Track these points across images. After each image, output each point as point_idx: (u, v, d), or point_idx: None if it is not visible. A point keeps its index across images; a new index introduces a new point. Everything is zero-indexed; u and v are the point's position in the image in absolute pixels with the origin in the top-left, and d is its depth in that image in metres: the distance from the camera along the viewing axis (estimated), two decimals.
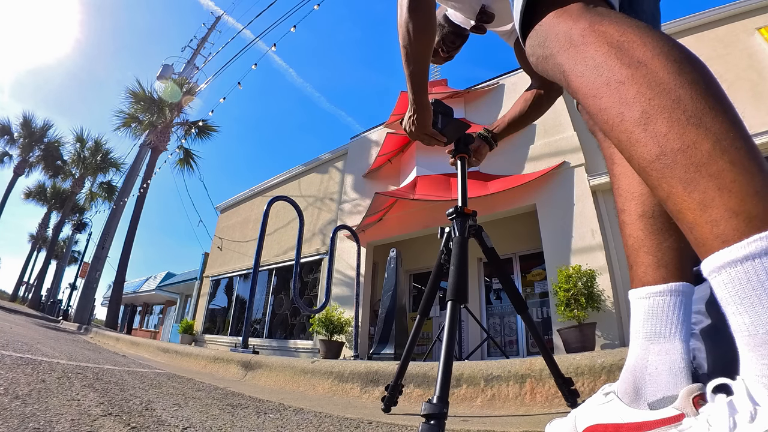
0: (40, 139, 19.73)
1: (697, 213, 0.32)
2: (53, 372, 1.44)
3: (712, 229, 0.31)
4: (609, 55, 0.40)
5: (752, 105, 4.37)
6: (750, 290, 0.29)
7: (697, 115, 0.33)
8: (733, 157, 0.31)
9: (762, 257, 0.28)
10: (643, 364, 0.54)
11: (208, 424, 0.90)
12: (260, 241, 3.59)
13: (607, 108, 0.39)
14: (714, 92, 0.35)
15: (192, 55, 14.98)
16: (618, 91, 0.38)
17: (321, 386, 1.73)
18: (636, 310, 0.58)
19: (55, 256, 23.59)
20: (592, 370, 1.12)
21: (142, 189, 11.86)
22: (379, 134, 7.79)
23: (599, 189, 4.91)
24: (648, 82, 0.36)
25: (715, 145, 0.32)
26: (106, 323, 11.06)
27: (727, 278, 0.30)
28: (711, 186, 0.31)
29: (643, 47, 0.38)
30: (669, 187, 0.34)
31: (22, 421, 0.71)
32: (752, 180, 0.30)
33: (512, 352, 6.30)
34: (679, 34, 5.19)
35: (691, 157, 0.32)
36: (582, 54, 0.42)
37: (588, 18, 0.44)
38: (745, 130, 0.33)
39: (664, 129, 0.34)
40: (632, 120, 0.36)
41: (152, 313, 22.55)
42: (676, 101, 0.34)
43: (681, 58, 0.37)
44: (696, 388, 0.46)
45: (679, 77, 0.35)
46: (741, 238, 0.29)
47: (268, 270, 8.88)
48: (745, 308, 0.30)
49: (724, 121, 0.33)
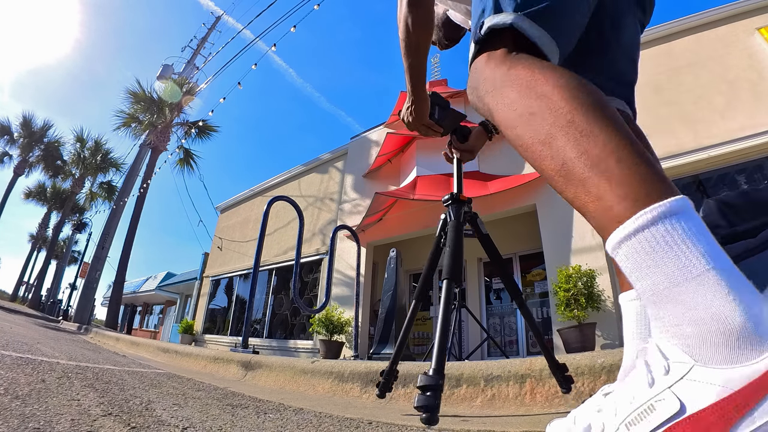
0: (40, 139, 19.73)
1: (596, 204, 0.39)
2: (53, 372, 1.44)
3: (608, 214, 0.37)
4: (520, 93, 0.49)
5: (752, 105, 4.37)
6: (645, 256, 0.34)
7: (587, 129, 0.41)
8: (618, 156, 0.39)
9: (649, 227, 0.34)
10: None
11: (208, 424, 0.90)
12: (260, 241, 3.59)
13: (521, 135, 0.48)
14: (602, 110, 0.43)
15: (192, 55, 14.98)
16: (528, 120, 0.47)
17: (321, 386, 1.73)
18: (627, 313, 0.62)
19: (55, 256, 23.59)
20: (592, 370, 1.12)
21: (142, 189, 11.86)
22: (379, 134, 7.79)
23: None
24: (549, 109, 0.45)
25: (602, 149, 0.40)
26: (106, 323, 11.06)
27: (626, 251, 0.36)
28: (603, 180, 0.38)
29: (546, 83, 0.47)
30: (573, 188, 0.41)
31: (22, 421, 0.71)
32: (635, 171, 0.37)
33: (512, 352, 6.29)
34: (679, 34, 5.20)
35: (585, 161, 0.40)
36: (501, 95, 0.52)
37: (507, 64, 0.53)
38: (629, 135, 0.41)
39: (563, 143, 0.43)
40: (539, 141, 0.45)
41: (152, 313, 22.55)
42: (570, 121, 0.43)
43: (575, 87, 0.45)
44: None
45: (572, 102, 0.44)
46: (631, 215, 0.35)
47: (268, 270, 8.88)
48: (644, 273, 0.35)
49: (610, 130, 0.41)
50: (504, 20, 0.56)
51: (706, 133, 4.53)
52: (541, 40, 0.56)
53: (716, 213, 0.68)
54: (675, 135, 4.72)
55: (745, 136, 4.24)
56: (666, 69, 5.11)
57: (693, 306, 0.32)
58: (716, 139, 4.41)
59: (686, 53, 5.06)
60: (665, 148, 4.71)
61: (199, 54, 15.04)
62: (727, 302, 0.31)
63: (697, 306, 0.32)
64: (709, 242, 0.34)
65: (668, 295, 0.34)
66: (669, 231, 0.34)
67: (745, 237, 0.63)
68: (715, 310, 0.31)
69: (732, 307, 0.31)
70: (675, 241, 0.33)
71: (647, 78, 5.23)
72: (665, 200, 0.35)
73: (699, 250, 0.33)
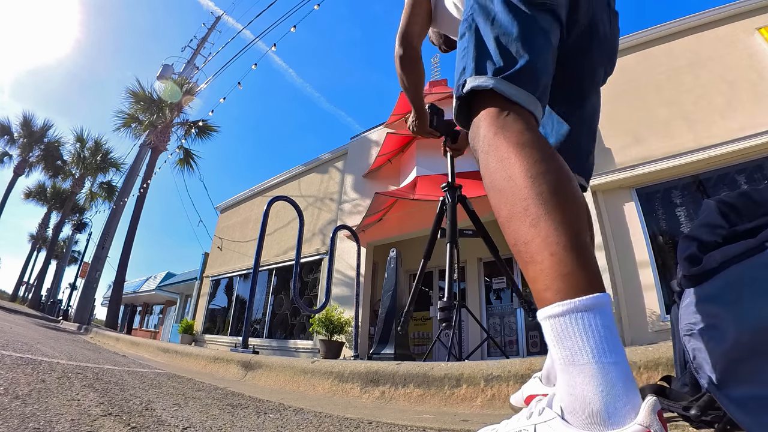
0: (40, 139, 19.72)
1: (533, 283, 0.50)
2: (53, 372, 1.44)
3: (538, 295, 0.49)
4: (497, 166, 0.58)
5: (752, 105, 4.37)
6: (556, 335, 0.46)
7: (536, 220, 0.50)
8: (552, 250, 0.48)
9: (559, 317, 0.46)
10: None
11: (208, 424, 0.90)
12: (260, 241, 3.58)
13: (493, 204, 0.58)
14: (556, 198, 0.51)
15: (192, 55, 14.98)
16: (497, 195, 0.57)
17: (321, 386, 1.73)
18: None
19: (55, 256, 23.58)
20: None
21: (142, 189, 11.86)
22: (379, 134, 7.79)
23: (599, 189, 4.91)
24: (512, 192, 0.54)
25: (543, 241, 0.49)
26: (106, 323, 11.06)
27: (547, 325, 0.47)
28: (537, 269, 0.49)
29: (515, 165, 0.56)
30: (521, 263, 0.53)
31: (22, 421, 0.71)
32: (563, 267, 0.47)
33: (512, 352, 6.30)
34: (679, 34, 5.20)
35: (528, 249, 0.50)
36: (486, 160, 0.61)
37: (494, 127, 0.62)
38: (570, 227, 0.50)
39: (516, 226, 0.53)
40: (503, 217, 0.55)
41: (152, 313, 22.55)
42: (525, 208, 0.52)
43: (538, 174, 0.53)
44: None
45: (531, 190, 0.52)
46: (550, 303, 0.47)
47: (268, 270, 8.88)
48: (554, 346, 0.46)
49: (556, 222, 0.50)
50: (485, 83, 0.64)
51: (706, 133, 4.53)
52: (520, 98, 0.64)
53: (716, 213, 0.68)
54: (675, 135, 4.72)
55: (745, 136, 4.24)
56: (666, 69, 5.11)
57: (573, 384, 0.44)
58: (716, 139, 4.41)
59: (686, 53, 5.05)
60: (665, 148, 4.71)
61: (199, 54, 15.04)
62: (595, 393, 0.42)
63: (575, 386, 0.44)
64: (602, 338, 0.44)
65: (564, 369, 0.46)
66: (572, 324, 0.45)
67: (745, 237, 0.62)
68: (585, 395, 0.43)
69: (596, 397, 0.42)
70: (574, 334, 0.45)
71: (647, 78, 5.23)
72: (576, 299, 0.45)
73: (590, 345, 0.44)
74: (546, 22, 0.73)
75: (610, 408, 0.42)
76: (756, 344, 0.49)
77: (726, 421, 0.55)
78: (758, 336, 0.49)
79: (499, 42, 0.68)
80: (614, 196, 4.91)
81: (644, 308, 4.28)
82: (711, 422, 0.59)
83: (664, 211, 4.74)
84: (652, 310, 4.24)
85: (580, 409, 0.44)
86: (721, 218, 0.68)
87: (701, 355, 0.59)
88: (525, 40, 0.68)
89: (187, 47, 15.22)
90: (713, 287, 0.61)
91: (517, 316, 6.47)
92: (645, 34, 5.40)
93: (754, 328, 0.50)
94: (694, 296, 0.64)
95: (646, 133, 4.93)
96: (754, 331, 0.50)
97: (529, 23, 0.70)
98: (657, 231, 4.70)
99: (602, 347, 0.44)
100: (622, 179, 4.79)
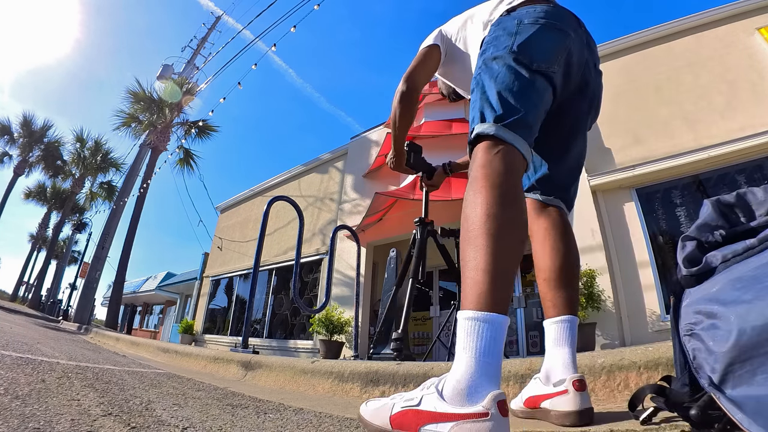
0: (40, 139, 19.70)
1: (462, 290, 0.70)
2: (53, 372, 1.44)
3: (464, 299, 0.68)
4: (471, 198, 0.76)
5: (752, 105, 4.37)
6: (464, 331, 0.65)
7: (478, 248, 0.69)
8: (479, 274, 0.67)
9: (468, 319, 0.65)
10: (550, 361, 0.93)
11: (208, 424, 0.90)
12: (260, 241, 3.58)
13: (461, 223, 0.76)
14: (498, 238, 0.69)
15: (192, 55, 14.97)
16: (465, 218, 0.75)
17: (321, 386, 1.73)
18: (548, 331, 0.95)
19: (55, 256, 23.57)
20: (592, 370, 1.12)
21: (142, 189, 11.85)
22: (379, 134, 7.79)
23: (599, 189, 4.91)
24: (473, 221, 0.72)
25: (476, 266, 0.69)
26: (106, 323, 11.05)
27: (461, 322, 0.66)
28: (467, 282, 0.69)
29: (481, 202, 0.73)
30: (461, 272, 0.72)
31: (22, 421, 0.71)
32: (481, 288, 0.66)
33: (512, 352, 6.29)
34: (679, 34, 5.19)
35: (467, 266, 0.70)
36: (469, 186, 0.79)
37: (482, 168, 0.78)
38: (500, 263, 0.67)
39: (465, 247, 0.72)
40: (462, 236, 0.75)
41: (152, 313, 22.54)
42: (476, 237, 0.71)
43: (493, 215, 0.71)
44: (576, 376, 0.83)
45: (484, 226, 0.71)
46: (466, 309, 0.66)
47: (268, 270, 8.87)
48: (461, 337, 0.65)
49: (489, 256, 0.68)
50: (487, 130, 0.81)
51: (706, 133, 4.53)
52: (515, 141, 0.80)
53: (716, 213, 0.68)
54: (675, 135, 4.72)
55: (745, 136, 4.23)
56: (666, 69, 5.11)
57: (457, 368, 0.62)
58: (716, 139, 4.41)
59: (686, 53, 5.05)
60: (665, 148, 4.71)
61: (199, 54, 15.03)
62: (466, 377, 0.60)
63: (457, 369, 0.62)
64: (487, 344, 0.62)
65: (457, 354, 0.64)
66: (473, 327, 0.64)
67: (745, 237, 0.62)
68: (459, 377, 0.61)
69: (465, 380, 0.60)
70: (472, 333, 0.63)
71: (647, 78, 5.23)
72: (481, 312, 0.64)
73: (477, 344, 0.62)
74: (541, 84, 0.88)
75: (471, 391, 0.58)
76: (756, 344, 0.49)
77: (726, 421, 0.55)
78: (758, 336, 0.49)
79: (501, 96, 0.84)
80: (614, 196, 4.91)
81: (644, 308, 4.28)
82: (711, 422, 0.59)
83: (664, 211, 4.74)
84: (652, 310, 4.24)
85: (452, 386, 0.61)
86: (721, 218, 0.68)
87: (701, 355, 0.59)
88: (521, 97, 0.84)
89: (187, 47, 15.23)
90: (713, 287, 0.61)
91: (517, 316, 6.47)
92: (645, 34, 5.39)
93: (755, 328, 0.50)
94: (694, 296, 0.64)
95: (646, 133, 4.93)
96: (754, 331, 0.50)
97: (526, 83, 0.86)
98: (657, 231, 4.70)
99: (484, 349, 0.61)
100: (622, 179, 4.79)
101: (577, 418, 0.79)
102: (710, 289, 0.61)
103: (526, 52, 0.88)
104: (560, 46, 0.92)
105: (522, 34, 0.91)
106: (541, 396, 0.89)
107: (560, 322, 0.92)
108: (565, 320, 0.92)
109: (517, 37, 0.91)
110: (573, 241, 1.03)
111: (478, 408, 0.56)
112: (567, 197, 1.08)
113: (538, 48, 0.89)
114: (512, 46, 0.89)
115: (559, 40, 0.93)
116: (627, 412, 0.77)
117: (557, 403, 0.83)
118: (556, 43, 0.92)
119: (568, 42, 0.93)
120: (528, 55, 0.88)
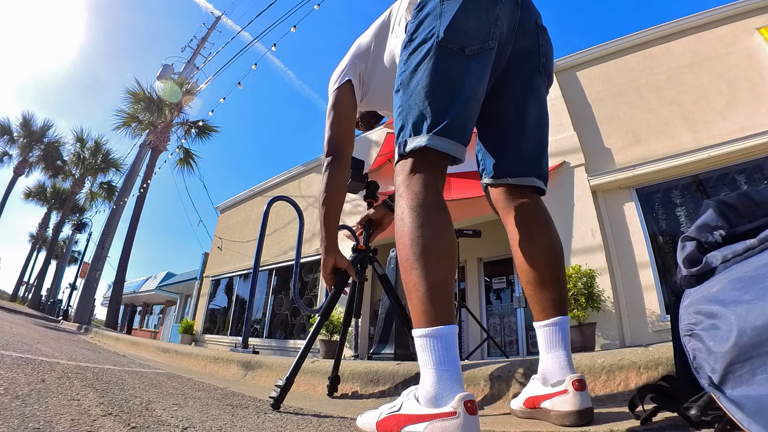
0: (40, 139, 19.70)
1: (410, 311, 0.76)
2: (53, 372, 1.44)
3: (413, 319, 0.74)
4: (397, 223, 0.79)
5: (752, 105, 4.37)
6: (420, 348, 0.71)
7: (410, 270, 0.74)
8: (417, 295, 0.72)
9: (419, 337, 0.71)
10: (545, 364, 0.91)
11: (208, 424, 0.90)
12: (260, 241, 3.58)
13: (398, 251, 0.79)
14: (424, 258, 0.73)
15: (192, 55, 14.96)
16: (397, 242, 0.79)
17: (321, 386, 1.73)
18: (539, 334, 0.92)
19: (55, 256, 23.57)
20: (592, 370, 1.12)
21: (142, 189, 11.85)
22: (379, 134, 7.79)
23: (599, 189, 4.91)
24: (402, 246, 0.77)
25: (413, 287, 0.74)
26: (106, 323, 11.05)
27: (416, 340, 0.72)
28: (410, 303, 0.75)
29: (404, 228, 0.77)
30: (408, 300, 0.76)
31: (22, 421, 0.71)
32: (422, 307, 0.71)
33: (512, 352, 6.29)
34: (679, 34, 5.19)
35: (407, 288, 0.75)
36: (397, 204, 0.81)
37: (402, 187, 0.81)
38: (431, 279, 0.72)
39: (402, 269, 0.77)
40: (399, 260, 0.78)
41: (152, 313, 22.54)
42: (406, 259, 0.75)
43: (415, 237, 0.75)
44: (576, 376, 0.83)
45: (409, 249, 0.75)
46: (415, 328, 0.73)
47: (268, 270, 8.87)
48: (420, 354, 0.71)
49: (419, 276, 0.73)
50: (420, 143, 0.79)
51: (706, 133, 4.53)
52: (449, 148, 0.79)
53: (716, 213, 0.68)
54: (675, 135, 4.72)
55: (745, 136, 4.23)
56: (666, 69, 5.11)
57: (424, 380, 0.69)
58: (716, 139, 4.41)
59: (686, 53, 5.05)
60: (665, 148, 4.71)
61: (199, 54, 15.02)
62: (432, 386, 0.67)
63: (425, 381, 0.69)
64: (440, 355, 0.68)
65: (421, 369, 0.71)
66: (425, 343, 0.70)
67: (745, 237, 0.62)
68: (427, 387, 0.68)
69: (432, 389, 0.67)
70: (426, 349, 0.70)
71: (647, 78, 5.23)
72: (427, 328, 0.70)
73: (432, 358, 0.68)
74: (476, 66, 0.82)
75: (439, 396, 0.66)
76: (756, 344, 0.49)
77: (726, 421, 0.55)
78: (758, 336, 0.49)
79: (430, 96, 0.79)
80: (614, 196, 4.91)
81: (644, 308, 4.28)
82: (711, 422, 0.59)
83: (664, 211, 4.74)
84: (652, 310, 4.23)
85: (424, 395, 0.68)
86: (721, 218, 0.68)
87: (701, 355, 0.59)
88: (454, 91, 0.79)
89: (187, 47, 15.21)
90: (713, 287, 0.61)
91: (517, 316, 6.47)
92: (645, 34, 5.39)
93: (755, 328, 0.50)
94: (694, 296, 0.64)
95: (646, 133, 4.93)
96: (754, 331, 0.50)
97: (461, 73, 0.80)
98: (657, 231, 4.70)
99: (440, 360, 0.68)
100: (622, 179, 4.79)
101: (577, 417, 0.79)
102: (710, 289, 0.61)
103: (455, 37, 0.80)
104: (491, 16, 0.84)
105: (446, 15, 0.81)
106: (540, 396, 0.88)
107: (550, 325, 0.89)
108: (554, 323, 0.89)
109: (442, 19, 0.82)
110: (553, 231, 0.96)
111: (447, 408, 0.63)
112: (541, 172, 0.99)
113: (467, 27, 0.81)
114: (439, 32, 0.81)
115: (489, 9, 0.84)
116: (627, 412, 0.77)
117: (557, 403, 0.82)
118: (488, 15, 0.83)
119: (498, 9, 0.85)
120: (458, 40, 0.80)
